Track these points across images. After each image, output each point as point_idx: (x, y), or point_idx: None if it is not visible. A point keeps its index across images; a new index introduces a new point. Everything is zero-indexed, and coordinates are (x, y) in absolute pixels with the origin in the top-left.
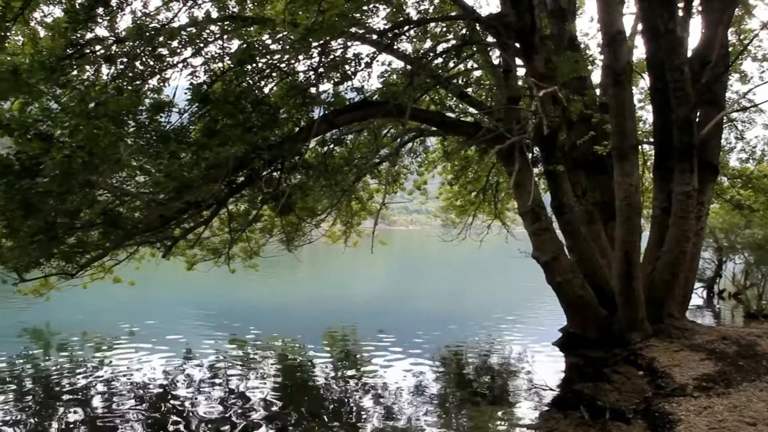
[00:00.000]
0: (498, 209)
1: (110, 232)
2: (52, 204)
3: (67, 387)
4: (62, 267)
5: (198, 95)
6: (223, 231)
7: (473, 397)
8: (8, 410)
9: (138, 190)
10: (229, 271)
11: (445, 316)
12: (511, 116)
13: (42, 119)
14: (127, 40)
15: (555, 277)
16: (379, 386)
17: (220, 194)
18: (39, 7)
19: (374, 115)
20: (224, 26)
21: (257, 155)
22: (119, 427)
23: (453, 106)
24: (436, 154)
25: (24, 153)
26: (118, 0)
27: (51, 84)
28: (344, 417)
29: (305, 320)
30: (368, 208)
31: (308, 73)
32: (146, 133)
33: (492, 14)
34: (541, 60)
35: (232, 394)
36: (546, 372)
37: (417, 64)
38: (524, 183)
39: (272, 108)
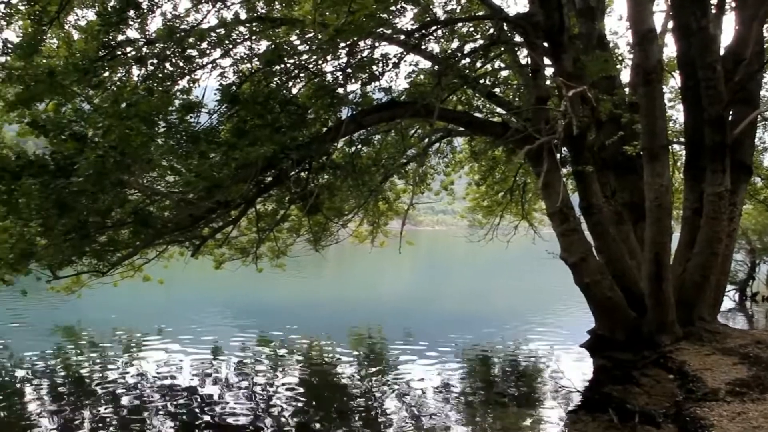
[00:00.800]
0: (525, 210)
1: (140, 231)
2: (84, 203)
3: (98, 383)
4: (94, 265)
5: (227, 96)
6: (250, 230)
7: (500, 399)
8: (42, 405)
9: (168, 190)
10: (257, 270)
11: (471, 316)
12: (540, 116)
13: (76, 120)
14: (157, 41)
15: (583, 279)
16: (405, 386)
17: (248, 194)
18: (73, 11)
19: (402, 116)
20: (252, 27)
21: (286, 155)
22: (148, 423)
23: (480, 106)
24: (463, 154)
25: (59, 153)
26: (149, 2)
27: (84, 85)
28: (370, 416)
29: (332, 320)
30: (395, 209)
31: (336, 73)
32: (176, 134)
33: (520, 14)
34: (569, 59)
35: (259, 392)
36: (573, 374)
37: (445, 64)
38: (553, 183)
39: (300, 108)
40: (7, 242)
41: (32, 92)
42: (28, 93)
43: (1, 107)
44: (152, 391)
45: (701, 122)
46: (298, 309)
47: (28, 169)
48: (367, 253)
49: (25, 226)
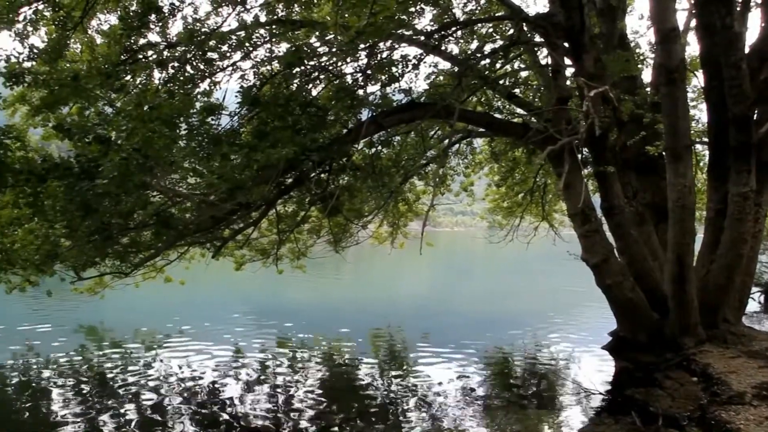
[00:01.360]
0: (545, 211)
1: (162, 233)
2: (107, 205)
3: (121, 383)
4: (117, 266)
5: (248, 98)
6: (271, 232)
7: (520, 401)
8: (66, 404)
9: (190, 192)
10: (277, 271)
11: (491, 318)
12: (561, 117)
13: (99, 123)
14: (178, 44)
15: (605, 280)
16: (425, 388)
17: (269, 195)
18: (96, 16)
19: (422, 117)
20: (272, 29)
21: (306, 157)
22: (170, 422)
23: (500, 107)
24: (483, 155)
25: (83, 156)
26: (170, 6)
27: (106, 89)
28: (389, 418)
29: (351, 321)
30: (415, 210)
31: (356, 74)
32: (198, 136)
33: (540, 14)
34: (590, 59)
35: (279, 393)
36: (595, 376)
37: (465, 65)
38: (574, 184)
39: (320, 110)
40: (33, 243)
41: (56, 96)
42: (53, 97)
43: (27, 111)
44: (174, 391)
45: (725, 122)
46: (318, 310)
47: (54, 172)
48: (386, 254)
49: (50, 227)
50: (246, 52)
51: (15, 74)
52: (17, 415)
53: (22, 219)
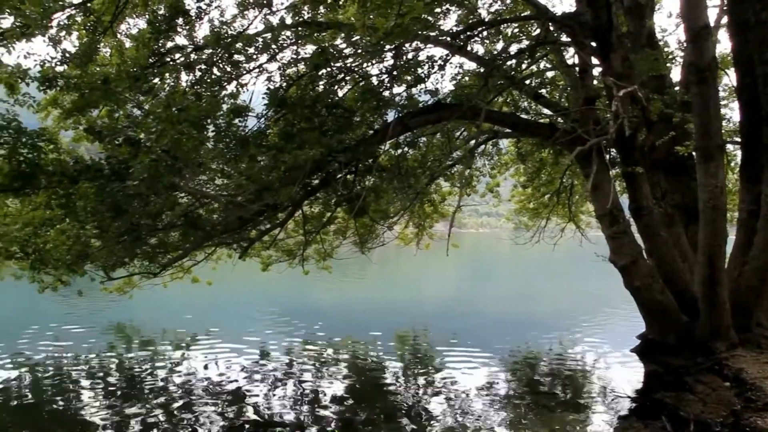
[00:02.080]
0: (572, 212)
1: (190, 234)
2: (137, 206)
3: (149, 382)
4: (146, 266)
5: (275, 99)
6: (297, 233)
7: (547, 403)
8: (96, 401)
9: (217, 193)
10: (303, 272)
11: (517, 319)
12: (589, 117)
13: (129, 125)
14: (205, 47)
15: (633, 282)
16: (451, 389)
17: (295, 196)
18: (125, 20)
19: (448, 118)
20: (298, 31)
21: (333, 158)
22: (197, 421)
23: (527, 107)
24: (509, 156)
25: (113, 158)
26: (197, 9)
27: (135, 92)
28: (415, 418)
29: (377, 322)
30: (440, 211)
31: (382, 76)
32: (225, 137)
33: (567, 13)
34: (618, 59)
35: (305, 393)
36: (623, 379)
37: (491, 65)
38: (602, 185)
39: (347, 111)
40: (64, 244)
41: (87, 99)
42: (84, 100)
43: (59, 114)
44: (201, 390)
45: (758, 120)
46: (343, 311)
47: (85, 174)
48: (411, 255)
49: (81, 228)
50: (272, 54)
51: (48, 78)
52: (50, 412)
53: (54, 220)
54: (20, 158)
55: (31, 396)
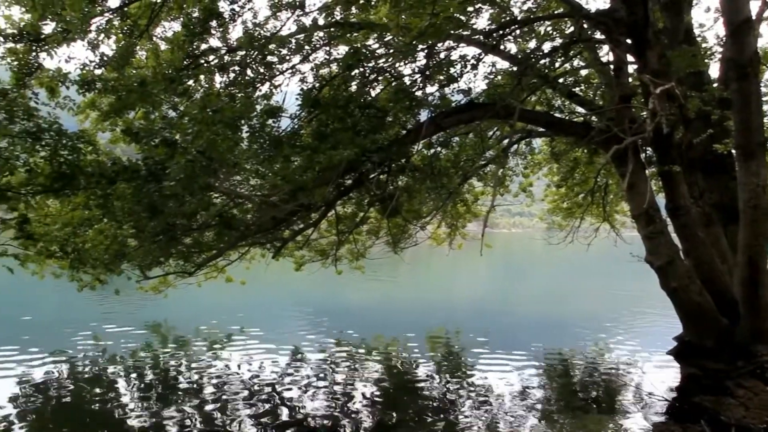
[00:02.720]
0: (607, 212)
1: (224, 233)
2: (172, 206)
3: (183, 379)
4: (181, 266)
5: (308, 100)
6: (330, 233)
7: (582, 405)
8: (132, 398)
9: (251, 193)
10: (336, 272)
11: (550, 320)
12: (624, 115)
13: (165, 126)
14: (239, 49)
15: (670, 283)
16: (483, 390)
17: (329, 196)
18: (161, 23)
19: (481, 117)
20: (331, 32)
21: (367, 158)
22: (230, 419)
23: (560, 106)
24: (542, 155)
25: (150, 158)
26: (230, 12)
27: (170, 93)
28: (447, 420)
29: (409, 322)
30: (473, 211)
31: (414, 75)
32: (260, 138)
33: (601, 10)
34: (654, 55)
35: (338, 393)
36: (659, 381)
37: (524, 64)
38: (638, 184)
39: (380, 111)
40: (102, 243)
41: (124, 102)
42: (121, 102)
43: (97, 116)
44: (234, 388)
45: None
46: (375, 311)
47: (123, 174)
48: (443, 255)
49: (118, 228)
50: (305, 54)
51: (87, 81)
52: (87, 408)
53: (92, 220)
54: (61, 160)
55: (69, 392)
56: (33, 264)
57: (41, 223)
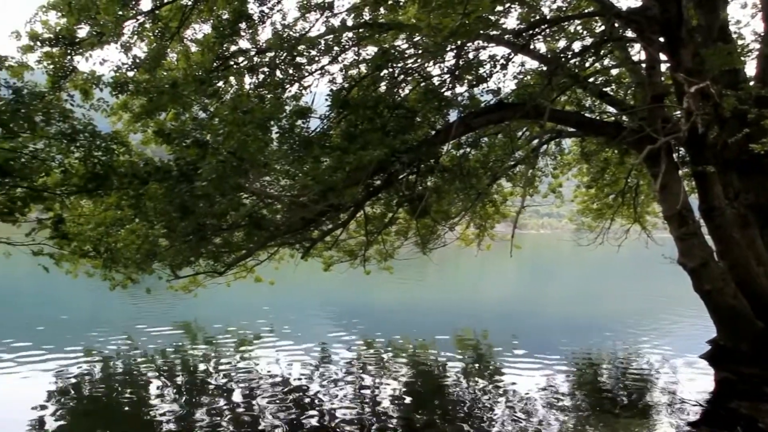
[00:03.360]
0: (637, 213)
1: (254, 234)
2: (203, 206)
3: (212, 377)
4: (211, 266)
5: (338, 101)
6: (359, 233)
7: (611, 408)
8: (162, 396)
9: (280, 193)
10: (364, 272)
11: (579, 322)
12: (657, 115)
13: (196, 127)
14: (268, 50)
15: (703, 285)
16: (511, 392)
17: (358, 197)
18: (191, 26)
19: (511, 117)
20: (359, 33)
21: (396, 158)
22: (259, 418)
23: (591, 106)
24: (571, 155)
25: (182, 159)
26: (260, 13)
27: (200, 95)
28: (475, 422)
29: (437, 322)
30: (502, 211)
31: (443, 76)
32: (289, 139)
33: (633, 8)
34: (688, 54)
35: (365, 393)
36: (692, 386)
37: (554, 63)
38: (670, 185)
39: (409, 111)
40: (134, 243)
41: (156, 103)
42: (153, 104)
43: (129, 118)
44: (263, 388)
45: None
46: (403, 311)
47: (155, 175)
48: (471, 256)
49: (150, 228)
50: (334, 55)
51: (120, 84)
52: (119, 404)
53: (124, 220)
54: (95, 161)
55: (101, 390)
56: (67, 263)
57: (75, 223)
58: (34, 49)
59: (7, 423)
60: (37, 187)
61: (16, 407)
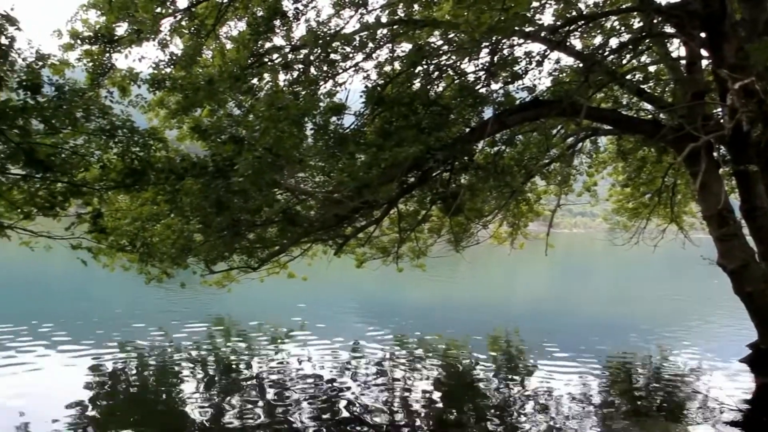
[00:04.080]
0: (675, 212)
1: (288, 230)
2: (237, 202)
3: (245, 373)
4: (245, 261)
5: (373, 97)
6: (392, 230)
7: (645, 410)
8: (196, 389)
9: (314, 190)
10: (397, 270)
11: (612, 322)
12: (697, 112)
13: (232, 124)
14: (302, 47)
15: (744, 287)
16: (543, 392)
17: (391, 194)
18: (226, 23)
19: (546, 115)
20: (394, 30)
21: (432, 156)
22: (290, 413)
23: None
24: (607, 153)
25: (218, 155)
26: (294, 10)
27: (234, 92)
28: (506, 421)
29: (469, 321)
30: (535, 210)
31: (478, 73)
32: (324, 135)
33: (673, 3)
34: (731, 49)
35: (396, 390)
36: (731, 390)
37: (591, 60)
38: (710, 184)
39: (444, 109)
40: (169, 238)
41: (192, 99)
42: (189, 100)
43: (165, 114)
44: (294, 383)
45: None
46: (435, 309)
47: (191, 171)
48: (502, 254)
49: (185, 223)
50: (368, 52)
51: (158, 80)
52: (153, 397)
53: (160, 215)
54: (132, 156)
55: (137, 382)
56: (105, 257)
57: (112, 218)
58: (75, 47)
59: (46, 414)
60: (76, 182)
61: (55, 399)
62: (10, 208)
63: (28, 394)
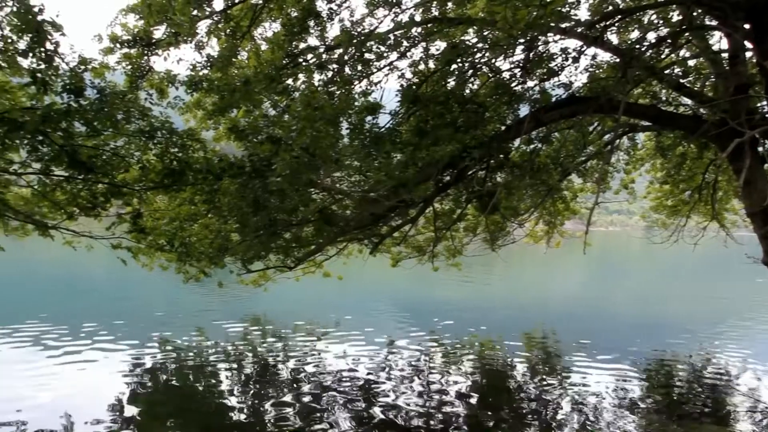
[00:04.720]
0: (716, 210)
1: (324, 229)
2: (274, 202)
3: (281, 370)
4: (281, 260)
5: (408, 96)
6: (428, 229)
7: (686, 413)
8: (232, 386)
9: (350, 189)
10: (432, 269)
11: (651, 323)
12: (740, 107)
13: (269, 124)
14: (337, 47)
15: None
16: (580, 393)
17: (427, 193)
18: (261, 24)
19: (583, 112)
20: (428, 28)
21: (468, 154)
22: (325, 412)
23: (668, 98)
24: (645, 150)
25: (255, 155)
26: (328, 11)
27: (270, 92)
28: (543, 421)
29: (504, 320)
30: (572, 208)
31: (513, 70)
32: (360, 135)
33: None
34: None
35: (432, 389)
36: None
37: (629, 55)
38: (755, 181)
39: (479, 107)
40: (207, 237)
41: (228, 100)
42: (225, 101)
43: (202, 115)
44: (329, 382)
45: None
46: (470, 309)
47: (229, 171)
48: (537, 253)
49: (223, 223)
50: (402, 51)
51: (195, 82)
52: (191, 393)
53: (198, 215)
54: (171, 157)
55: (175, 378)
56: (144, 256)
57: (151, 218)
58: (114, 51)
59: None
60: (117, 183)
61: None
62: (54, 208)
63: (73, 395)
